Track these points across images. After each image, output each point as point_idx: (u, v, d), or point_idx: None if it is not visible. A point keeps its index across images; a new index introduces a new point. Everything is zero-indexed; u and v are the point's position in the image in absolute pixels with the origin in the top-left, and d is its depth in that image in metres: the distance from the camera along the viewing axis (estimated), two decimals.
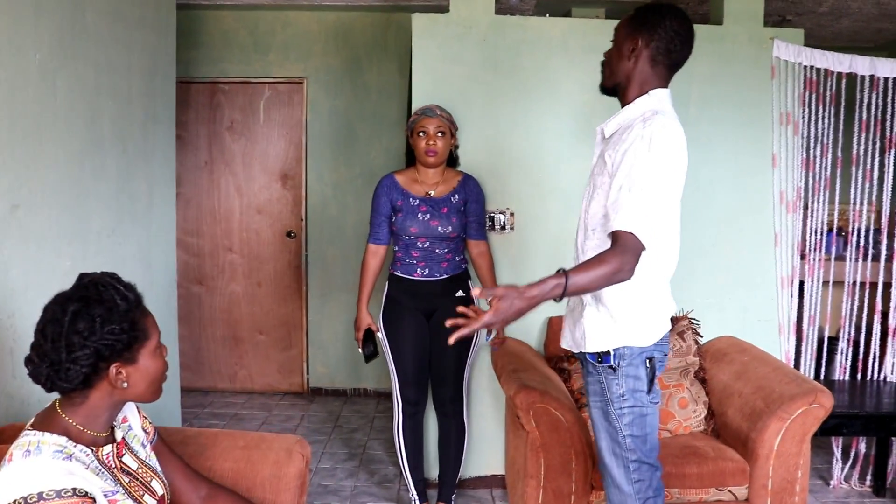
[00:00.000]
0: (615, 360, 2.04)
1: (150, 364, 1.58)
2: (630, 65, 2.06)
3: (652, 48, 2.03)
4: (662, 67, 2.06)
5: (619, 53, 2.10)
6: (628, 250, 1.86)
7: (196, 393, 5.10)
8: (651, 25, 2.03)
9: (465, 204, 3.20)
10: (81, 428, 1.53)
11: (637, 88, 2.07)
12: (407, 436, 3.26)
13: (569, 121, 3.51)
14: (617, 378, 2.05)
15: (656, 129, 1.92)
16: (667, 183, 1.93)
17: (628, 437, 2.07)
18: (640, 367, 2.05)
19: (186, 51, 4.86)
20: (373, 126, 5.02)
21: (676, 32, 2.03)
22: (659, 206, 1.91)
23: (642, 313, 2.05)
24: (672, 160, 1.95)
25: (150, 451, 1.76)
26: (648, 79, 2.06)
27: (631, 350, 2.04)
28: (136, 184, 3.18)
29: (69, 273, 2.61)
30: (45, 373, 1.48)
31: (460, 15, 3.46)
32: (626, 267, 1.86)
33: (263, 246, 5.11)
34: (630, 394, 2.05)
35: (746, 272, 3.62)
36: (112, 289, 1.54)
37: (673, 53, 2.05)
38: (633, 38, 2.06)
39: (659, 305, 2.10)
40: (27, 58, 2.32)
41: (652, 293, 2.07)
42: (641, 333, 2.05)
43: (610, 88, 2.17)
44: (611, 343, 2.04)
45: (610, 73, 2.15)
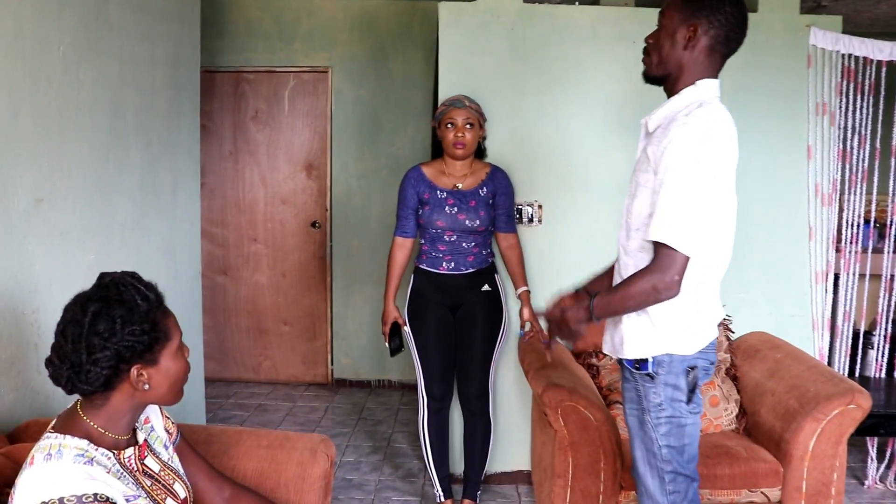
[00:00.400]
0: (654, 368, 1.92)
1: (172, 365, 1.55)
2: (685, 53, 1.89)
3: (711, 36, 1.87)
4: (718, 56, 1.91)
5: (671, 40, 1.91)
6: (667, 267, 1.78)
7: (220, 383, 5.11)
8: (711, 10, 1.86)
9: (494, 196, 3.15)
10: (103, 431, 1.51)
11: (688, 79, 1.91)
12: (432, 432, 3.23)
13: (598, 112, 3.44)
14: (655, 386, 1.93)
15: (700, 123, 1.79)
16: (713, 181, 1.81)
17: (664, 448, 1.97)
18: (680, 375, 1.92)
19: (211, 40, 4.83)
20: (398, 115, 4.97)
21: (736, 19, 1.88)
22: (704, 207, 1.79)
23: (685, 319, 1.92)
24: (719, 154, 1.81)
25: (172, 453, 1.74)
26: (701, 69, 1.90)
27: (671, 358, 1.91)
28: (160, 176, 3.16)
29: (93, 267, 2.60)
30: (65, 374, 1.46)
31: (488, 3, 3.39)
32: (665, 286, 1.78)
33: (288, 236, 5.09)
34: (668, 403, 1.94)
35: (779, 266, 3.52)
36: (133, 289, 1.52)
37: (731, 42, 1.90)
38: (691, 23, 1.87)
39: (704, 311, 1.96)
40: (51, 51, 2.30)
41: (696, 298, 1.92)
42: (683, 341, 1.92)
43: (657, 78, 1.99)
44: (650, 350, 1.93)
45: (659, 61, 1.95)
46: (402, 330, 3.25)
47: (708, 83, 1.90)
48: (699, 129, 1.78)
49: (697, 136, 1.78)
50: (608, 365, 3.20)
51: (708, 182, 1.79)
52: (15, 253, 2.16)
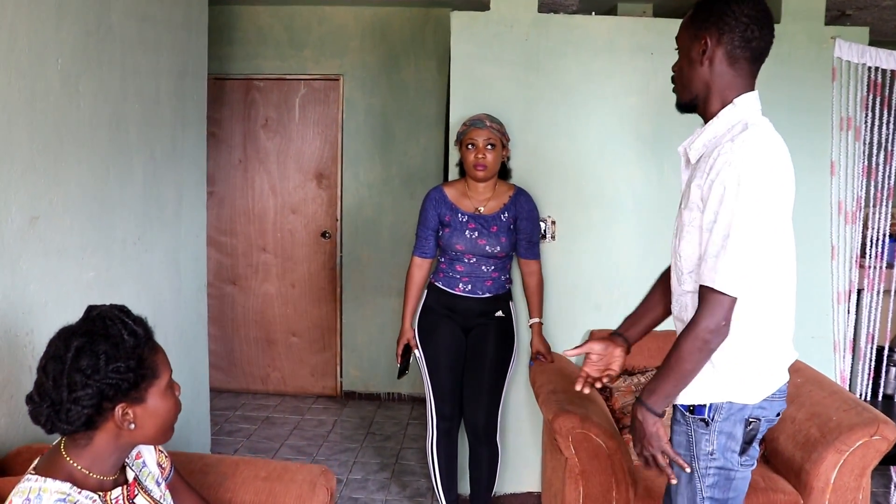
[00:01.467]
0: (709, 414, 1.73)
1: (160, 404, 1.47)
2: (705, 70, 1.73)
3: (726, 43, 1.70)
4: (744, 63, 1.71)
5: (688, 60, 1.77)
6: (713, 313, 1.63)
7: (228, 394, 5.04)
8: (717, 17, 1.70)
9: (516, 221, 3.06)
10: (87, 472, 1.43)
11: (719, 97, 1.73)
12: (441, 454, 3.14)
13: (614, 125, 3.34)
14: (708, 434, 1.74)
15: (748, 150, 1.60)
16: (769, 214, 1.62)
17: (707, 500, 1.77)
18: (737, 424, 1.72)
19: (221, 47, 4.79)
20: (410, 125, 4.89)
21: (750, 17, 1.69)
22: (760, 244, 1.61)
23: (749, 363, 1.72)
24: (772, 184, 1.62)
25: (165, 489, 1.66)
26: (731, 82, 1.72)
27: (731, 405, 1.72)
28: (164, 189, 3.10)
29: (92, 285, 2.54)
30: (44, 413, 1.38)
31: (501, 13, 3.30)
32: (714, 332, 1.63)
33: (298, 246, 5.02)
34: (720, 453, 1.74)
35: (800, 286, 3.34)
36: (120, 323, 1.44)
37: (753, 42, 1.70)
38: (701, 36, 1.72)
39: (771, 354, 1.76)
40: (48, 64, 2.24)
41: (762, 340, 1.73)
42: (746, 388, 1.72)
43: (687, 104, 1.82)
44: (708, 396, 1.73)
45: (683, 86, 1.81)
46: (412, 353, 3.17)
47: (747, 99, 1.73)
48: (748, 157, 1.60)
49: (747, 165, 1.59)
50: (622, 387, 3.10)
51: (762, 216, 1.61)
52: (8, 273, 2.09)
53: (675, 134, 3.30)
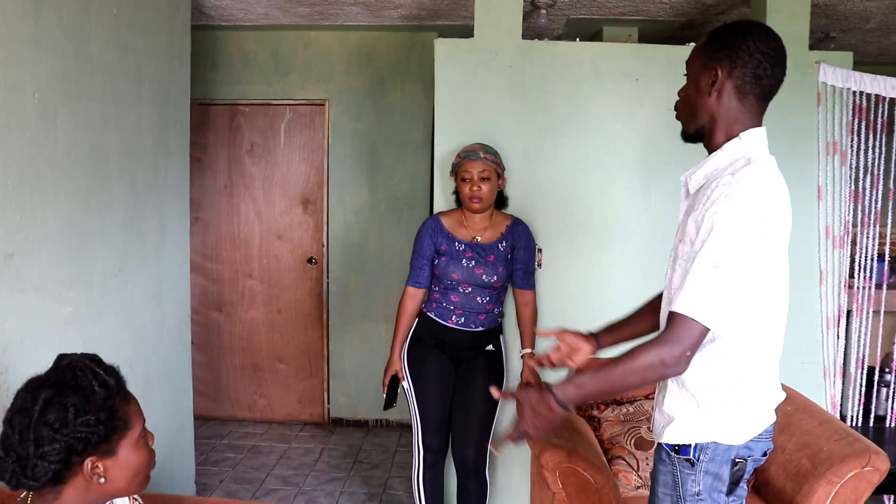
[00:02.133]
0: (695, 454, 1.69)
1: (133, 456, 1.42)
2: (712, 101, 1.69)
3: (736, 77, 1.65)
4: (753, 99, 1.68)
5: (696, 89, 1.72)
6: (680, 339, 1.57)
7: (214, 422, 4.97)
8: (731, 49, 1.65)
9: (513, 251, 3.04)
10: None
11: (725, 130, 1.69)
12: (427, 487, 3.09)
13: (600, 151, 3.32)
14: (694, 474, 1.70)
15: (747, 185, 1.56)
16: (759, 252, 1.58)
17: None
18: (723, 465, 1.69)
19: (206, 72, 4.76)
20: (397, 149, 4.86)
21: (763, 53, 1.64)
22: (747, 282, 1.57)
23: (736, 404, 1.68)
24: (767, 222, 1.58)
25: None
26: (738, 116, 1.68)
27: (717, 446, 1.68)
28: (146, 219, 3.06)
29: (71, 320, 2.49)
30: (9, 468, 1.33)
31: (485, 40, 3.29)
32: (674, 360, 1.57)
33: (284, 272, 4.98)
34: (707, 493, 1.70)
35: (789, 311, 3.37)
36: (90, 373, 1.39)
37: (763, 80, 1.65)
38: (711, 67, 1.68)
39: (758, 395, 1.72)
40: (24, 98, 2.20)
41: (750, 381, 1.69)
42: (733, 429, 1.68)
43: (693, 135, 1.77)
44: (693, 436, 1.69)
45: (689, 115, 1.76)
46: (399, 384, 3.12)
47: (753, 134, 1.68)
48: (745, 192, 1.56)
49: (743, 201, 1.55)
50: (610, 416, 3.06)
51: (751, 254, 1.56)
52: None
53: (661, 160, 3.31)
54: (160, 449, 3.19)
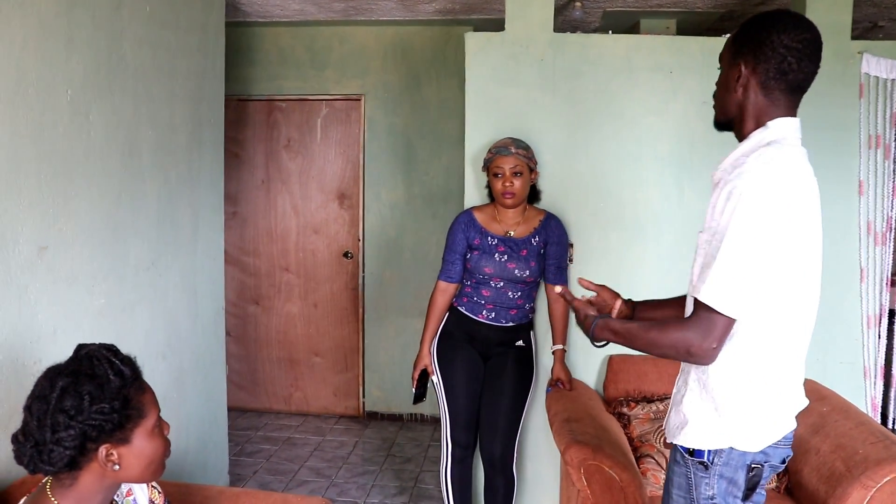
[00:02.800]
0: (709, 457, 1.66)
1: (147, 445, 1.45)
2: (738, 96, 1.68)
3: (760, 73, 1.63)
4: (780, 94, 1.64)
5: (725, 83, 1.73)
6: (708, 331, 1.54)
7: (251, 414, 5.05)
8: (756, 44, 1.63)
9: (546, 246, 3.02)
10: None
11: (754, 120, 1.67)
12: (455, 482, 3.08)
13: (632, 146, 3.27)
14: (708, 478, 1.67)
15: (763, 166, 1.53)
16: (779, 237, 1.52)
17: None
18: (739, 470, 1.65)
19: (243, 68, 4.83)
20: (432, 144, 4.87)
21: (788, 48, 1.59)
22: (765, 267, 1.52)
23: (754, 410, 1.64)
24: (785, 204, 1.52)
25: None
26: (765, 109, 1.65)
27: (731, 451, 1.65)
28: (179, 213, 3.11)
29: (104, 311, 2.55)
30: (28, 453, 1.37)
31: (516, 33, 3.27)
32: (702, 351, 1.55)
33: (320, 266, 5.02)
34: (722, 498, 1.67)
35: (827, 309, 3.23)
36: (106, 363, 1.42)
37: (789, 74, 1.61)
38: (737, 63, 1.67)
39: (778, 403, 1.68)
40: (58, 95, 2.25)
41: (770, 387, 1.65)
42: (749, 435, 1.64)
43: (723, 124, 1.78)
44: (709, 441, 1.66)
45: (720, 106, 1.76)
46: (429, 379, 3.13)
47: (782, 123, 1.64)
48: (761, 173, 1.53)
49: (758, 181, 1.52)
50: (640, 414, 3.02)
51: (764, 236, 1.51)
52: (15, 303, 2.10)
53: (695, 154, 3.25)
54: (193, 440, 3.27)
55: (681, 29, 4.27)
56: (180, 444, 3.15)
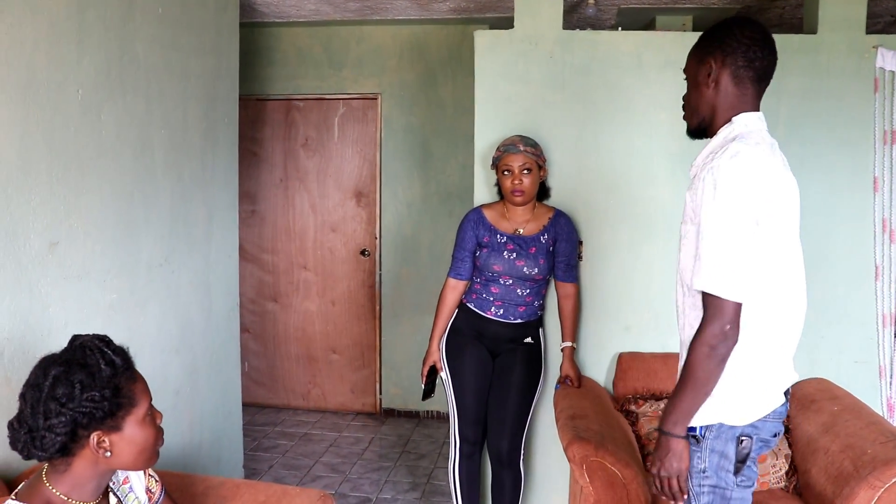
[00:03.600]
0: (701, 432, 1.75)
1: (138, 433, 1.49)
2: (711, 92, 1.81)
3: (730, 64, 1.78)
4: (749, 83, 1.79)
5: (695, 85, 1.86)
6: (715, 317, 1.63)
7: (269, 410, 5.12)
8: (719, 39, 1.79)
9: (555, 243, 3.03)
10: (66, 498, 1.46)
11: (725, 115, 1.81)
12: (462, 477, 3.10)
13: (641, 142, 3.26)
14: (700, 451, 1.76)
15: (725, 159, 1.65)
16: (753, 220, 1.64)
17: None
18: (728, 442, 1.75)
19: (262, 68, 4.89)
20: (448, 142, 4.89)
21: (751, 38, 1.76)
22: (747, 249, 1.63)
23: (740, 386, 1.73)
24: (747, 195, 1.64)
25: None
26: (734, 103, 1.80)
27: (720, 427, 1.74)
28: (193, 210, 3.16)
29: (115, 306, 2.61)
30: (21, 439, 1.42)
31: (525, 31, 3.27)
32: (720, 337, 1.63)
33: (337, 264, 5.07)
34: (713, 471, 1.75)
35: (841, 308, 3.25)
36: (98, 353, 1.46)
37: (756, 62, 1.77)
38: (706, 61, 1.81)
39: (764, 378, 1.77)
40: (68, 95, 2.31)
41: (756, 362, 1.74)
42: (735, 410, 1.74)
43: (696, 129, 1.90)
44: (699, 418, 1.73)
45: (691, 111, 1.90)
46: (437, 375, 3.15)
47: (745, 117, 1.79)
48: (727, 163, 1.65)
49: (725, 170, 1.64)
50: (648, 412, 3.01)
51: (745, 222, 1.63)
52: (26, 297, 2.16)
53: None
54: (207, 434, 3.33)
55: (697, 25, 4.24)
56: (194, 438, 3.21)
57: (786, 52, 3.16)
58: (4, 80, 2.05)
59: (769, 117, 3.14)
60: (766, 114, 3.15)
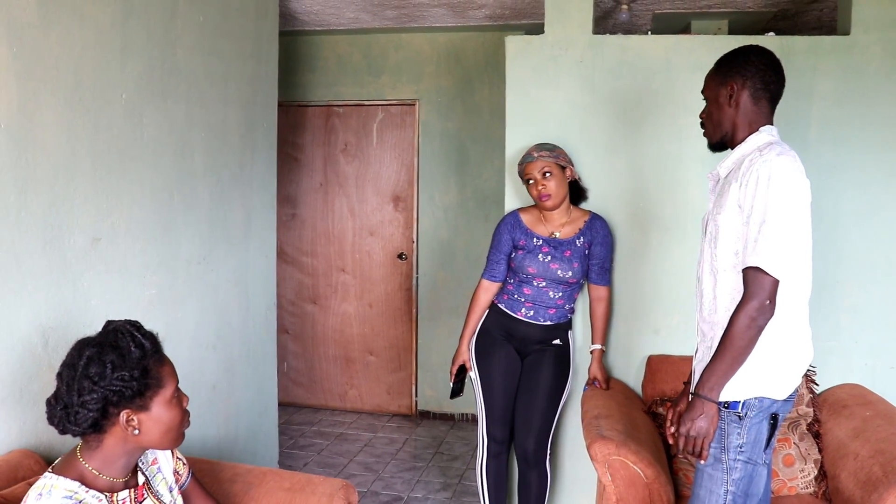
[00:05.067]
0: (743, 409, 1.93)
1: (164, 413, 1.58)
2: (732, 110, 2.07)
3: (749, 87, 2.04)
4: (765, 102, 2.06)
5: (717, 104, 2.11)
6: (757, 292, 1.83)
7: (307, 410, 5.22)
8: (740, 65, 2.06)
9: (591, 246, 3.07)
10: (97, 473, 1.55)
11: (745, 129, 2.06)
12: (490, 476, 3.15)
13: (672, 146, 3.27)
14: (740, 427, 1.94)
15: (774, 158, 1.89)
16: (795, 213, 1.88)
17: (730, 495, 1.97)
18: (764, 421, 1.95)
19: (303, 75, 5.03)
20: (485, 147, 4.95)
21: (766, 64, 2.05)
22: (791, 236, 1.86)
23: (778, 359, 1.95)
24: (795, 188, 1.89)
25: (177, 495, 1.76)
26: (755, 117, 2.06)
27: (761, 402, 1.93)
28: (231, 212, 3.27)
29: (154, 301, 2.72)
30: (58, 415, 1.52)
31: (556, 36, 3.31)
32: (759, 310, 1.83)
33: (375, 267, 5.16)
34: (749, 447, 1.95)
35: (877, 312, 3.21)
36: (129, 336, 1.56)
37: (771, 85, 2.05)
38: (727, 83, 2.07)
39: (796, 351, 1.99)
40: (113, 99, 2.43)
41: (789, 336, 1.96)
42: (775, 384, 1.94)
43: (718, 143, 2.17)
44: (742, 392, 1.92)
45: (714, 127, 2.15)
46: (467, 375, 3.20)
47: (769, 128, 2.05)
48: (776, 160, 1.88)
49: (776, 165, 1.87)
50: None
51: (792, 212, 1.86)
52: (70, 290, 2.28)
53: None
54: (243, 429, 3.43)
55: (732, 29, 4.23)
56: (230, 432, 3.31)
57: (818, 54, 3.18)
58: (54, 85, 2.17)
59: (801, 120, 3.18)
60: (799, 116, 3.18)
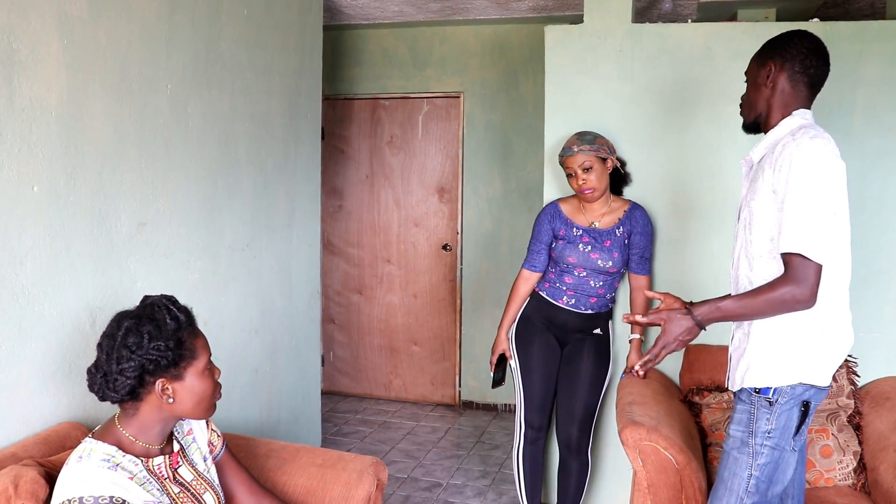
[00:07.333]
0: (774, 395, 1.93)
1: (197, 383, 1.66)
2: (768, 91, 2.04)
3: (787, 68, 2.01)
4: (803, 86, 2.02)
5: (755, 84, 2.09)
6: (804, 278, 1.80)
7: (353, 398, 5.32)
8: (781, 47, 2.03)
9: (630, 236, 3.07)
10: (134, 439, 1.64)
11: (780, 112, 2.02)
12: (526, 462, 3.17)
13: (711, 134, 3.24)
14: (770, 413, 1.93)
15: (814, 140, 1.85)
16: (831, 196, 1.84)
17: (753, 479, 1.96)
18: (795, 408, 1.93)
19: (349, 68, 5.11)
20: (528, 139, 4.96)
21: (809, 49, 2.00)
22: (830, 220, 1.83)
23: (818, 345, 1.92)
24: (830, 171, 1.85)
25: (210, 465, 1.84)
26: (790, 100, 2.01)
27: (794, 389, 1.92)
28: (275, 200, 3.37)
29: (198, 285, 2.82)
30: (98, 382, 1.61)
31: (594, 25, 3.32)
32: (804, 297, 1.80)
33: (420, 258, 5.22)
34: (777, 432, 1.93)
35: None
36: (165, 309, 1.64)
37: (810, 69, 2.00)
38: (766, 64, 2.04)
39: (837, 336, 1.96)
40: (158, 89, 2.54)
41: (829, 322, 1.93)
42: (814, 370, 1.92)
43: (752, 124, 2.14)
44: (777, 379, 1.92)
45: (749, 107, 2.13)
46: (507, 363, 3.23)
47: (803, 112, 2.00)
48: (812, 144, 1.84)
49: (814, 151, 1.84)
50: (712, 403, 2.99)
51: (828, 195, 1.83)
52: (116, 272, 2.39)
53: None
54: (285, 413, 3.53)
55: (780, 17, 4.15)
56: (272, 415, 3.41)
57: (864, 40, 3.12)
58: (102, 75, 2.28)
59: (846, 106, 3.12)
60: (843, 102, 3.13)
